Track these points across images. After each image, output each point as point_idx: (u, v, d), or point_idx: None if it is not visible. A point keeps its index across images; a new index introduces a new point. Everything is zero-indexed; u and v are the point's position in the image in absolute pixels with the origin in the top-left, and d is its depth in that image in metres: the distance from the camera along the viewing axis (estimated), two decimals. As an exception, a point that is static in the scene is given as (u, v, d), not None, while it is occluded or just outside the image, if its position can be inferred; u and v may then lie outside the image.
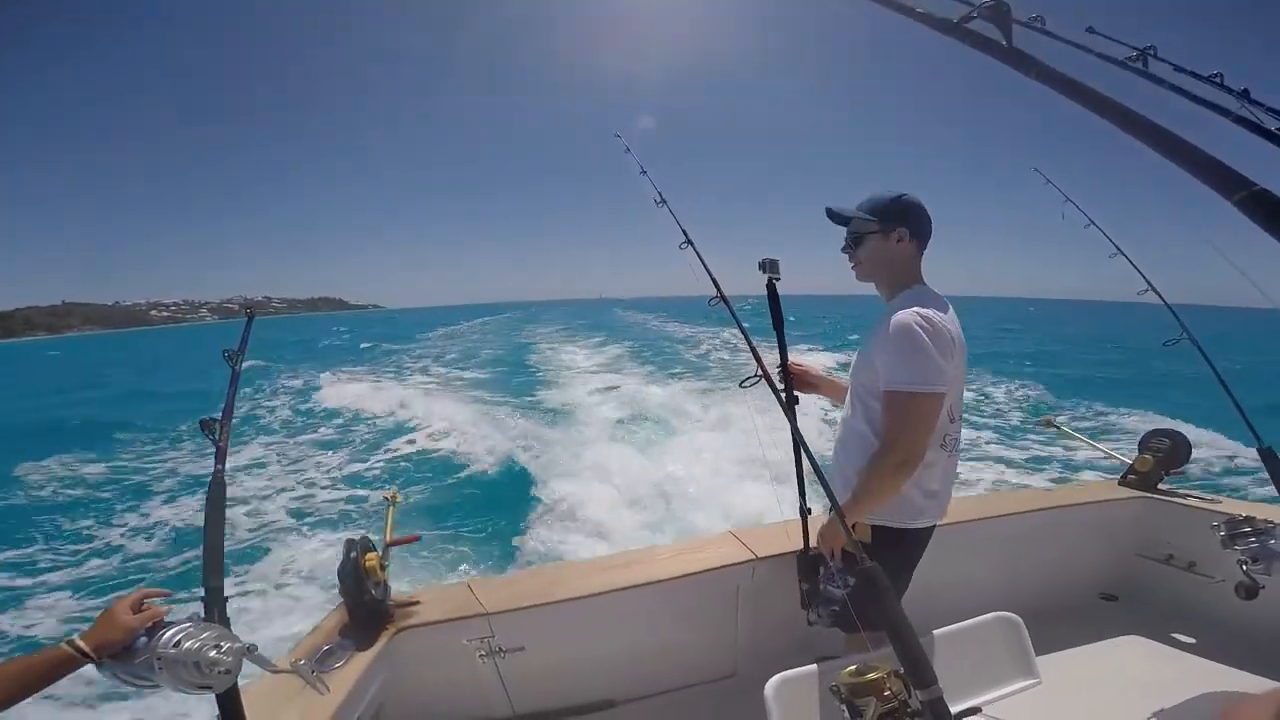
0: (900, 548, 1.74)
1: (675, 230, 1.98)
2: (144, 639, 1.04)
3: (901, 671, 1.18)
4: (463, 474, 8.07)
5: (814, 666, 1.45)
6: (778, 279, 1.87)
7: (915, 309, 1.63)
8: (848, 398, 1.84)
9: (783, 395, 1.79)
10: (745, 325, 1.77)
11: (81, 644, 1.01)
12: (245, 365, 1.56)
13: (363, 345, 33.77)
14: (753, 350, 1.72)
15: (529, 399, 13.08)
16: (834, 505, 1.44)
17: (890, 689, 1.16)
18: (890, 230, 1.73)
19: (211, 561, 1.26)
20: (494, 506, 6.96)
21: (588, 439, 9.13)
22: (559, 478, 7.34)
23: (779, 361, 1.95)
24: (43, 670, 0.98)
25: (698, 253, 1.94)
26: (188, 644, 1.03)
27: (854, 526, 1.60)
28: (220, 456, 1.37)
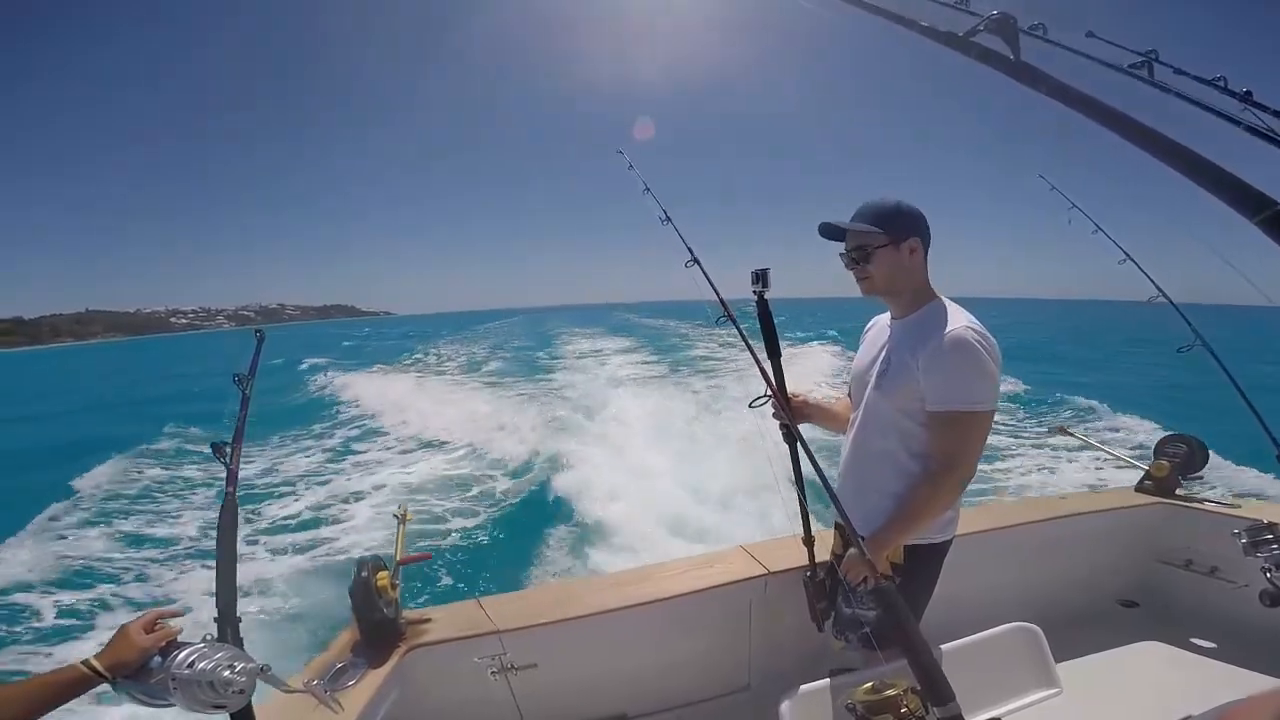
0: (934, 563, 1.72)
1: (681, 246, 1.93)
2: (158, 659, 1.05)
3: (918, 689, 1.17)
4: (475, 489, 8.03)
5: (829, 681, 1.44)
6: (766, 291, 1.73)
7: (968, 325, 1.55)
8: (864, 418, 1.75)
9: (788, 423, 1.71)
10: (753, 343, 1.72)
11: (96, 663, 1.01)
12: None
13: (376, 352, 33.83)
14: (762, 371, 1.69)
15: (543, 407, 12.88)
16: (851, 530, 1.40)
17: (907, 705, 1.15)
18: (901, 241, 1.63)
19: (224, 582, 1.27)
20: (506, 521, 6.94)
21: (603, 446, 9.03)
22: (575, 490, 7.28)
23: (776, 388, 1.79)
24: (57, 689, 0.99)
25: (704, 271, 1.89)
26: (202, 664, 1.03)
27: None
28: (231, 479, 1.38)
